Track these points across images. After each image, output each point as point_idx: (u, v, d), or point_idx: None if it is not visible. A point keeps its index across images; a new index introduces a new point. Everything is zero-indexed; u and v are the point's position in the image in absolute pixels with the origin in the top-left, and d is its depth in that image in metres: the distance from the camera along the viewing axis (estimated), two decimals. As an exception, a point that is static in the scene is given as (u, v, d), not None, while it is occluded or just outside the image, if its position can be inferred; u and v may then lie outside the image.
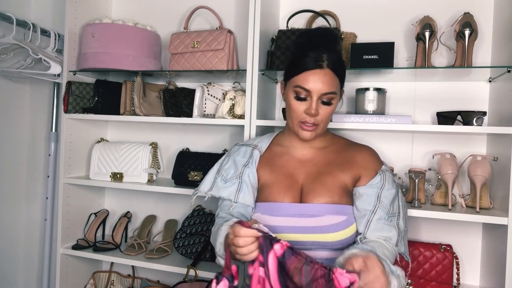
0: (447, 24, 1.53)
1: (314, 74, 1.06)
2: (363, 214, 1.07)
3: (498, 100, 1.44)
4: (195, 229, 1.71)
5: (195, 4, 1.80)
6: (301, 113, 1.09)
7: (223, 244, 1.02)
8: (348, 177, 1.12)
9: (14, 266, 2.10)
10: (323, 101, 1.07)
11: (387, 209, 1.08)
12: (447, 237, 1.56)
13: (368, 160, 1.15)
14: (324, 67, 1.06)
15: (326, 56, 1.07)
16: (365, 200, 1.09)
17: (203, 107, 1.63)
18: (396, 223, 1.08)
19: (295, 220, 1.07)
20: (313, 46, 1.09)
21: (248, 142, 1.26)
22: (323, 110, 1.08)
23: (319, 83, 1.05)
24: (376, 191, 1.10)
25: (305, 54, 1.08)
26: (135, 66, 1.72)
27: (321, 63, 1.06)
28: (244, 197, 1.14)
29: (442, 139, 1.57)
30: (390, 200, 1.10)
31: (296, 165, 1.17)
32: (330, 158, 1.16)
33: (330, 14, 1.65)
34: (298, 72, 1.08)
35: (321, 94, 1.06)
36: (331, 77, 1.07)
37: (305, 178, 1.14)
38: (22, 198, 2.12)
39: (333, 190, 1.10)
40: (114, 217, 1.99)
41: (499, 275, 1.31)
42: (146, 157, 1.78)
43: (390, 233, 1.06)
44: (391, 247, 1.05)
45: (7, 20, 1.73)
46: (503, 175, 1.34)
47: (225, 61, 1.62)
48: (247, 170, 1.17)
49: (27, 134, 2.12)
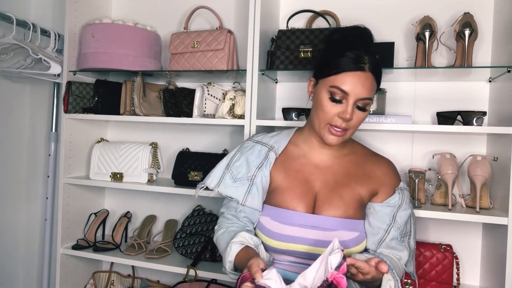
0: (447, 24, 1.53)
1: (355, 76, 0.98)
2: (376, 232, 1.05)
3: (498, 100, 1.44)
4: (195, 229, 1.71)
5: (195, 4, 1.80)
6: (333, 115, 1.01)
7: (232, 263, 1.01)
8: (365, 191, 1.09)
9: (14, 266, 2.10)
10: (358, 106, 1.00)
11: (401, 230, 1.06)
12: (447, 237, 1.56)
13: (387, 176, 1.11)
14: (366, 70, 0.99)
15: (368, 58, 1.00)
16: (380, 218, 1.06)
17: (203, 107, 1.63)
18: (407, 243, 1.08)
19: (307, 232, 1.03)
20: (353, 46, 1.01)
21: (264, 141, 1.18)
22: (357, 116, 1.01)
23: (359, 87, 0.98)
24: (393, 210, 1.07)
25: (344, 54, 1.00)
26: (135, 66, 1.72)
27: (363, 65, 0.99)
28: (252, 201, 1.09)
29: (442, 139, 1.57)
30: (405, 220, 1.08)
31: (313, 171, 1.11)
32: (349, 168, 1.11)
33: (330, 14, 1.65)
34: (337, 72, 1.00)
35: (358, 99, 0.99)
36: (371, 81, 1.00)
37: (321, 186, 1.09)
38: (22, 198, 2.11)
39: (349, 203, 1.06)
40: (114, 217, 1.99)
41: (499, 275, 1.31)
42: (146, 157, 1.78)
43: (401, 253, 1.06)
44: (401, 266, 1.05)
45: (7, 20, 1.73)
46: (503, 175, 1.34)
47: (225, 61, 1.62)
48: (260, 173, 1.11)
49: (27, 134, 2.12)
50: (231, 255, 1.01)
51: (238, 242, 1.03)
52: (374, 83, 1.02)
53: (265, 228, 1.07)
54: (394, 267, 1.01)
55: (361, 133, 1.62)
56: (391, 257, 1.05)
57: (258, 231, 1.09)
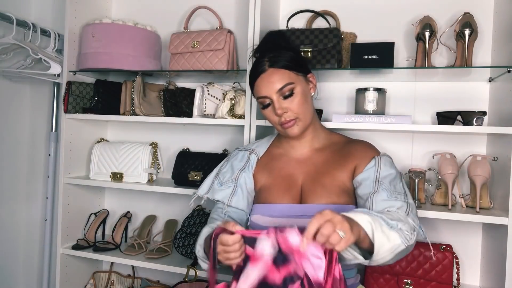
0: (447, 24, 1.53)
1: (261, 80, 1.09)
2: (365, 199, 1.05)
3: (498, 100, 1.44)
4: (195, 229, 1.71)
5: (195, 4, 1.80)
6: (275, 117, 1.10)
7: (202, 246, 1.06)
8: (345, 175, 1.11)
9: (14, 266, 2.10)
10: (284, 96, 1.08)
11: (388, 189, 1.04)
12: (447, 237, 1.56)
13: (362, 151, 1.14)
14: (266, 69, 1.08)
15: (267, 58, 1.09)
16: (364, 186, 1.07)
17: (203, 107, 1.63)
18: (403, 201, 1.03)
19: (296, 221, 1.07)
20: (258, 57, 1.14)
21: (247, 147, 1.27)
22: (290, 103, 1.08)
23: (269, 84, 1.07)
24: (373, 174, 1.08)
25: (252, 67, 1.13)
26: (135, 66, 1.72)
27: (263, 67, 1.09)
28: (237, 202, 1.15)
29: (442, 139, 1.57)
30: (390, 179, 1.06)
31: (295, 165, 1.17)
32: (328, 157, 1.16)
33: (330, 14, 1.65)
34: (252, 85, 1.13)
35: (277, 92, 1.07)
36: (277, 73, 1.07)
37: (305, 178, 1.14)
38: (22, 198, 2.11)
39: (332, 190, 1.09)
40: (114, 217, 1.99)
41: (499, 275, 1.31)
42: (146, 157, 1.78)
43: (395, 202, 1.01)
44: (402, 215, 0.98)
45: (7, 20, 1.73)
46: (503, 175, 1.34)
47: (225, 61, 1.62)
48: (243, 174, 1.18)
49: (27, 134, 2.12)
50: (200, 238, 1.07)
51: (209, 226, 1.09)
52: (283, 71, 1.08)
53: (257, 225, 1.12)
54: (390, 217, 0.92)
55: (361, 133, 1.62)
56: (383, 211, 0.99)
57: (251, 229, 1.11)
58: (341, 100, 1.68)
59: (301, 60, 1.14)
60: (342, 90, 1.68)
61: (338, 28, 1.60)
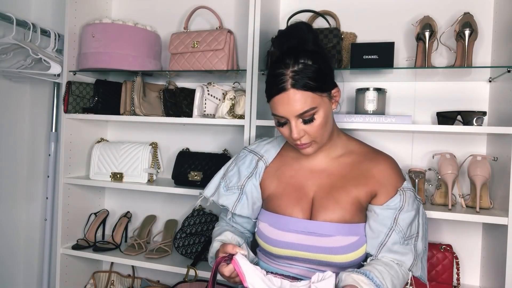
0: (447, 24, 1.53)
1: (281, 99, 0.95)
2: (377, 236, 1.01)
3: (498, 100, 1.44)
4: (195, 229, 1.71)
5: (195, 4, 1.80)
6: (289, 136, 1.00)
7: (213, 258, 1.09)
8: (362, 193, 1.04)
9: (14, 266, 2.10)
10: (304, 120, 0.97)
11: (403, 233, 1.01)
12: (447, 237, 1.56)
13: (386, 176, 1.05)
14: (288, 88, 0.94)
15: (291, 73, 0.94)
16: (381, 221, 1.01)
17: (203, 107, 1.63)
18: (413, 246, 1.02)
19: (304, 238, 1.02)
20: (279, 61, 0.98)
21: (256, 149, 1.19)
22: (309, 128, 0.98)
23: (289, 107, 0.95)
24: (394, 212, 1.02)
25: (270, 73, 0.99)
26: (135, 66, 1.72)
27: (283, 85, 0.94)
28: (242, 209, 1.13)
29: (442, 139, 1.57)
30: (408, 222, 1.02)
31: (307, 175, 1.09)
32: (345, 170, 1.07)
33: (330, 14, 1.65)
34: (268, 100, 1.00)
35: (296, 116, 0.96)
36: (300, 96, 0.94)
37: (317, 191, 1.07)
38: (22, 198, 2.11)
39: (346, 207, 1.03)
40: (114, 217, 1.99)
41: (499, 275, 1.31)
42: (146, 157, 1.78)
43: (404, 257, 1.00)
44: (404, 272, 1.00)
45: (7, 20, 1.73)
46: (503, 175, 1.34)
47: (225, 61, 1.62)
48: (249, 182, 1.14)
49: (27, 134, 2.12)
50: (212, 251, 1.12)
51: (219, 240, 1.10)
52: (306, 93, 0.95)
53: (263, 235, 1.09)
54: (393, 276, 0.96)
55: (361, 133, 1.62)
56: (390, 264, 1.00)
57: (257, 237, 1.12)
58: (341, 100, 1.68)
59: (328, 73, 1.01)
60: (342, 90, 1.67)
61: (338, 28, 1.60)
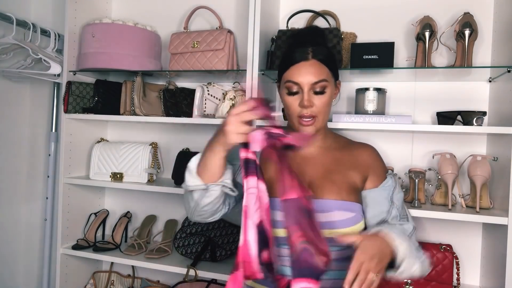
0: (447, 24, 1.53)
1: (301, 66, 1.07)
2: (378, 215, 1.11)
3: (498, 100, 1.44)
4: (195, 229, 1.71)
5: (195, 4, 1.80)
6: (297, 107, 1.08)
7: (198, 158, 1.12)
8: (356, 175, 1.13)
9: (14, 266, 2.10)
10: (315, 91, 1.07)
11: (400, 211, 1.13)
12: (447, 237, 1.56)
13: (373, 159, 1.17)
14: (310, 59, 1.07)
15: (312, 48, 1.08)
16: (380, 202, 1.11)
17: (203, 107, 1.63)
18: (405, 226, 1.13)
19: None
20: (301, 43, 1.11)
21: None
22: (318, 100, 1.07)
23: (307, 74, 1.06)
24: (389, 193, 1.13)
25: (293, 50, 1.10)
26: (135, 66, 1.72)
27: (307, 55, 1.07)
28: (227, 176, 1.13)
29: (442, 139, 1.57)
30: (402, 202, 1.15)
31: (302, 162, 1.15)
32: (336, 156, 1.16)
33: (330, 14, 1.65)
34: (286, 67, 1.10)
35: (311, 84, 1.06)
36: (318, 66, 1.07)
37: (312, 175, 1.12)
38: (22, 198, 2.11)
39: (342, 187, 1.10)
40: (114, 217, 1.99)
41: (499, 275, 1.31)
42: (146, 157, 1.78)
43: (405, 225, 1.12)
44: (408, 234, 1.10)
45: (7, 20, 1.73)
46: (503, 175, 1.34)
47: (225, 61, 1.62)
48: None
49: (27, 134, 2.12)
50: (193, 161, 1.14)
51: None
52: (323, 67, 1.08)
53: None
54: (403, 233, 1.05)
55: (361, 133, 1.62)
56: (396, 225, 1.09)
57: None
58: (341, 100, 1.68)
59: (337, 63, 1.16)
60: (342, 90, 1.67)
61: (338, 28, 1.60)
